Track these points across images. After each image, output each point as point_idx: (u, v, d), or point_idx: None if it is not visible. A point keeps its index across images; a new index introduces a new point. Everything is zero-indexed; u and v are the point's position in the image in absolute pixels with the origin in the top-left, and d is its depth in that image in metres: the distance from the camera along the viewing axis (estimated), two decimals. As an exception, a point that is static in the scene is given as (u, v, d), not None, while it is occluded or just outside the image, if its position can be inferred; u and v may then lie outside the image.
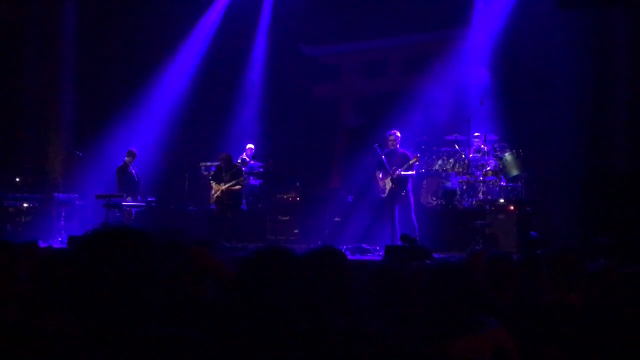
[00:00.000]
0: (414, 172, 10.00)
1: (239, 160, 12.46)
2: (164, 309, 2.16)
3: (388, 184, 9.79)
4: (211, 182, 11.52)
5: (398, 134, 10.07)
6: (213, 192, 11.42)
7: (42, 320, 2.45)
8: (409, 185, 9.95)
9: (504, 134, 11.36)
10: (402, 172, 9.72)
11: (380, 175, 9.92)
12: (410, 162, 9.87)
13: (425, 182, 11.31)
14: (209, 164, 12.26)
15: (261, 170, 12.94)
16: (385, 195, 9.84)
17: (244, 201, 12.64)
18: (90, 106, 13.02)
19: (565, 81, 11.01)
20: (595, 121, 10.72)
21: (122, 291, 1.79)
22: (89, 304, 1.80)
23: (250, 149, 12.86)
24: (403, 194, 9.80)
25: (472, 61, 12.77)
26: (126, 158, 11.70)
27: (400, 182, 9.73)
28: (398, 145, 10.02)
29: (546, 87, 11.47)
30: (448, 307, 2.62)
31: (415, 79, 13.55)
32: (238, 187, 11.42)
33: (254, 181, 12.89)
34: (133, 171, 11.71)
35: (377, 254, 9.10)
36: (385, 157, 9.81)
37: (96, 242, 1.83)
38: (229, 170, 11.41)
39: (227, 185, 11.24)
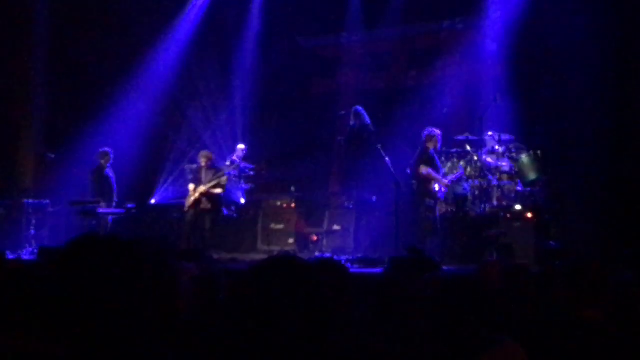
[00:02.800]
0: None
1: (227, 163, 12.47)
2: (146, 327, 2.18)
3: (443, 185, 10.02)
4: (189, 185, 11.50)
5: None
6: (190, 194, 11.39)
7: (9, 339, 2.46)
8: None
9: (520, 133, 11.38)
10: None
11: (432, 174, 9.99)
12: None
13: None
14: (194, 166, 12.25)
15: (252, 173, 12.95)
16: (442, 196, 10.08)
17: (232, 208, 12.64)
18: (63, 104, 13.01)
19: (588, 76, 11.03)
20: (620, 120, 10.74)
21: (104, 308, 1.80)
22: (65, 322, 1.81)
23: (242, 149, 12.86)
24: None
25: (484, 54, 12.81)
26: (101, 160, 11.68)
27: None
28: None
29: (566, 82, 11.48)
30: (458, 324, 2.64)
31: (422, 73, 13.59)
32: (219, 190, 11.39)
33: (244, 185, 12.91)
34: (110, 174, 11.70)
35: (381, 267, 9.12)
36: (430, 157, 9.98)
37: (77, 254, 1.85)
38: (210, 171, 11.41)
39: (207, 186, 11.22)
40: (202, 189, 11.23)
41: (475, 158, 10.91)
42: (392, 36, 14.11)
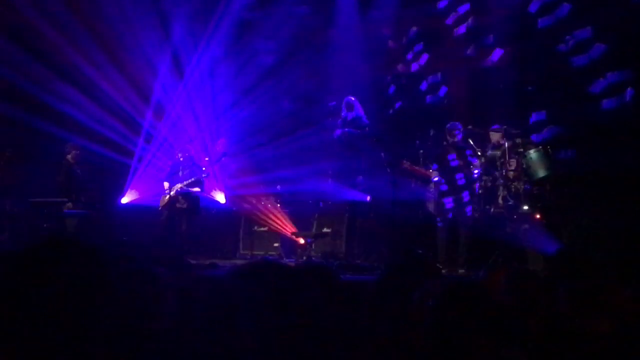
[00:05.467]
0: None
1: (207, 158, 12.43)
2: (113, 340, 2.15)
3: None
4: (165, 182, 11.47)
5: None
6: (165, 193, 11.35)
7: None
8: None
9: (528, 126, 11.38)
10: None
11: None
12: None
13: (432, 185, 11.32)
14: (171, 161, 12.18)
15: (233, 169, 12.91)
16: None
17: (211, 207, 12.59)
18: (22, 92, 12.78)
19: (601, 59, 11.02)
20: (637, 109, 10.73)
21: (66, 320, 1.78)
22: (21, 336, 1.78)
23: (222, 143, 12.82)
24: None
25: (489, 38, 12.81)
26: (68, 155, 11.61)
27: None
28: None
29: (578, 66, 11.47)
30: (462, 338, 2.63)
31: (420, 60, 13.57)
32: (197, 189, 11.37)
33: (225, 183, 12.87)
34: (77, 171, 11.63)
35: (375, 273, 9.13)
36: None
37: (35, 259, 1.82)
38: (188, 167, 11.37)
39: (184, 184, 11.18)
40: (178, 186, 11.19)
41: (479, 154, 10.89)
42: (388, 19, 14.07)
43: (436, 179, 10.35)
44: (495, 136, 10.98)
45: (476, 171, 10.33)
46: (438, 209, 10.43)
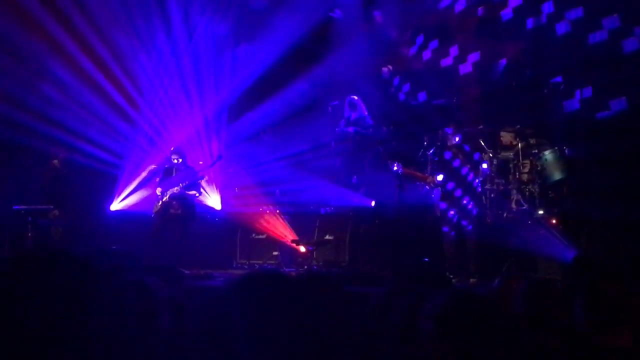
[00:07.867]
0: None
1: (201, 162, 12.44)
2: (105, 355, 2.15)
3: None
4: (158, 188, 11.46)
5: None
6: (158, 197, 11.34)
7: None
8: None
9: (542, 126, 11.36)
10: None
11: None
12: None
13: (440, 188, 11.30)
14: (164, 165, 12.17)
15: (229, 173, 12.91)
16: None
17: (206, 214, 12.59)
18: (2, 92, 12.70)
19: (623, 26, 10.94)
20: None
21: (54, 336, 1.77)
22: (7, 353, 1.78)
23: (218, 147, 12.84)
24: None
25: (498, 30, 12.79)
26: (54, 160, 11.61)
27: None
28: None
29: (592, 58, 11.42)
30: (473, 352, 2.62)
31: (428, 54, 13.57)
32: (193, 192, 11.38)
33: (220, 189, 12.87)
34: (63, 177, 11.62)
35: (381, 283, 9.11)
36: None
37: (19, 270, 1.82)
38: (183, 171, 11.37)
39: (180, 186, 11.17)
40: (174, 190, 11.20)
41: (491, 155, 10.87)
42: (392, 12, 14.08)
43: (440, 177, 10.35)
44: (507, 137, 10.95)
45: (485, 165, 10.33)
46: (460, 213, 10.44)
